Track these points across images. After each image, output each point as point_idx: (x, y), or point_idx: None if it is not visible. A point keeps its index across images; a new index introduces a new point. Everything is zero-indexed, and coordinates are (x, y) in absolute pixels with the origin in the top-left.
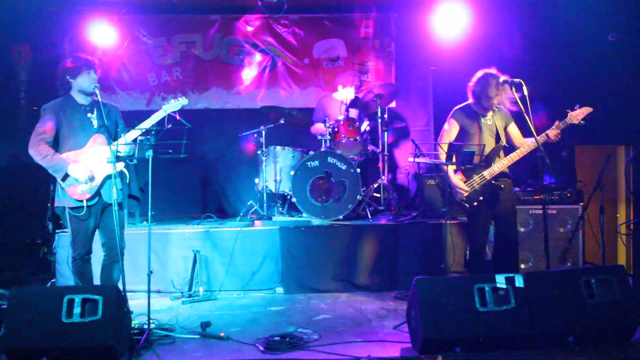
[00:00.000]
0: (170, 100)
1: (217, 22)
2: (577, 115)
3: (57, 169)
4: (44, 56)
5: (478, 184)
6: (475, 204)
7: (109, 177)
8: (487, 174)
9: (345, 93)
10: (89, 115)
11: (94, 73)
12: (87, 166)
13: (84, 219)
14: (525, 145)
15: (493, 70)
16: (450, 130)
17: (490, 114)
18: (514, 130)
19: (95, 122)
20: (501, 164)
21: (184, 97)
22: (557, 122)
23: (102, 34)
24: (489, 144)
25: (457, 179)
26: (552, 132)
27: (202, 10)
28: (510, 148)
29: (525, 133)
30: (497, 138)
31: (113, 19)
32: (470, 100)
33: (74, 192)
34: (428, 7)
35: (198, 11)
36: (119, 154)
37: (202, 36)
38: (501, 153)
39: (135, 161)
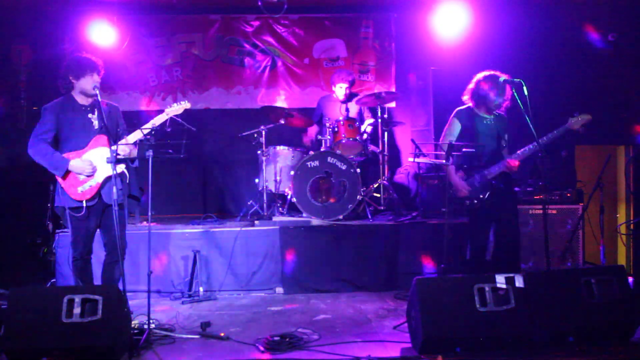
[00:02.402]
0: (172, 103)
1: (217, 22)
2: (576, 122)
3: (57, 166)
4: (44, 56)
5: (479, 182)
6: (476, 201)
7: (109, 178)
8: (488, 173)
9: (339, 90)
10: (89, 115)
11: (97, 76)
12: (89, 164)
13: (84, 219)
14: (523, 150)
15: (492, 72)
16: (453, 129)
17: (491, 117)
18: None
19: (96, 123)
20: (502, 165)
21: (186, 101)
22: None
23: (102, 34)
24: (490, 145)
25: (457, 178)
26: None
27: (202, 10)
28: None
29: (524, 137)
30: (498, 140)
31: (113, 19)
32: (470, 104)
33: (74, 192)
34: (428, 7)
35: (198, 11)
36: (119, 156)
37: (202, 36)
38: (502, 154)
39: (137, 163)
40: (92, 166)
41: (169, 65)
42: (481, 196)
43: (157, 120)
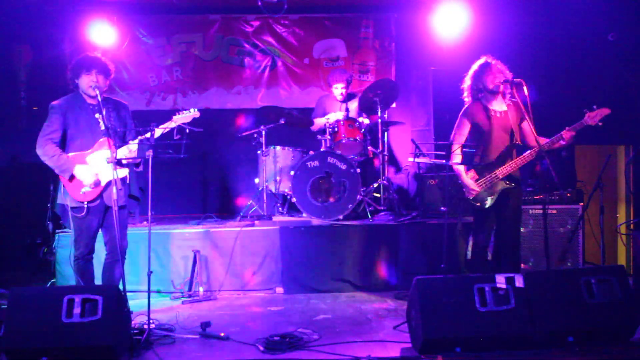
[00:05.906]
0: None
1: (217, 22)
2: (594, 116)
3: (63, 169)
4: (44, 56)
5: (490, 182)
6: (485, 202)
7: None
8: (500, 172)
9: (336, 91)
10: (96, 115)
11: (95, 75)
12: (93, 170)
13: (84, 219)
14: (537, 146)
15: (480, 60)
16: (462, 129)
17: (502, 107)
18: (526, 127)
19: (102, 123)
20: (514, 164)
21: (195, 109)
22: (567, 128)
23: (102, 34)
24: (502, 141)
25: (468, 179)
26: (567, 134)
27: (202, 10)
28: (522, 146)
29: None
30: (512, 135)
31: (113, 19)
32: (468, 99)
33: (76, 193)
34: (428, 7)
35: (198, 11)
36: (123, 161)
37: (202, 36)
38: (514, 153)
39: (141, 167)
40: (96, 178)
41: (169, 65)
42: (490, 197)
43: (165, 128)
